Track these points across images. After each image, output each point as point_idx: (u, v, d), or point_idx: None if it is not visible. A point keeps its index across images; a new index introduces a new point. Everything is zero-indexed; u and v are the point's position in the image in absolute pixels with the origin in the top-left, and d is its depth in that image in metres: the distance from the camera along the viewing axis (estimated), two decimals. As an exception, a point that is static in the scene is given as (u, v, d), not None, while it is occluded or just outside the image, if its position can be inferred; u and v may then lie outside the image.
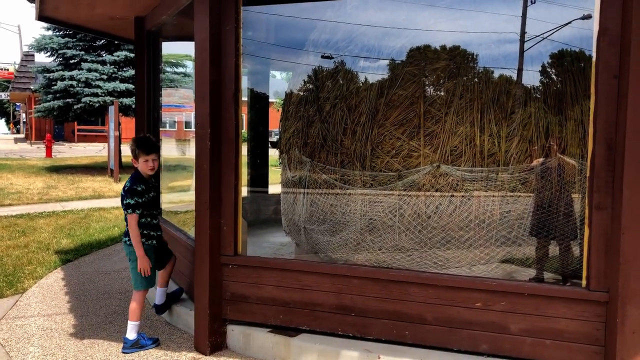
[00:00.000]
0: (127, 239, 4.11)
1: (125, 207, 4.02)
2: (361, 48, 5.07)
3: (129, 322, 4.07)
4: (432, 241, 4.56)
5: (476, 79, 4.58)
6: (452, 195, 4.49)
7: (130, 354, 3.95)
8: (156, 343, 4.12)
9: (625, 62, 3.09)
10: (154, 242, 4.20)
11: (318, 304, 3.86)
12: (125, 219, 4.09)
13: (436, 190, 4.52)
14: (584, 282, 3.34)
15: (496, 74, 4.61)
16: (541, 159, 4.39)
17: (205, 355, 3.95)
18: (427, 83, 4.64)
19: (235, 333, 4.04)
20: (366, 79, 4.96)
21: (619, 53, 3.13)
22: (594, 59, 3.24)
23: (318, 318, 3.86)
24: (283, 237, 6.30)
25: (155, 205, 4.29)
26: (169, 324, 4.64)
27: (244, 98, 8.52)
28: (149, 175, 4.14)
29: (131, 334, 4.05)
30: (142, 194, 4.06)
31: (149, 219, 4.15)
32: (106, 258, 6.96)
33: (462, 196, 4.48)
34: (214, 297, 4.00)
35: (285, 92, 5.92)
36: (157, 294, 4.53)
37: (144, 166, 4.07)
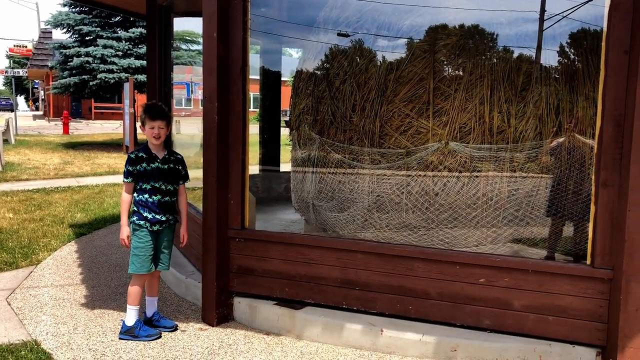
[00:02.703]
0: (135, 217, 3.79)
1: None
2: (371, 24, 5.03)
3: (127, 304, 3.87)
4: (439, 219, 4.56)
5: (487, 56, 4.53)
6: (460, 173, 4.48)
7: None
8: (152, 338, 3.78)
9: (636, 38, 3.04)
10: (147, 224, 3.77)
11: (323, 278, 3.89)
12: None
13: (444, 168, 4.51)
14: (588, 259, 3.33)
15: (508, 52, 4.56)
16: (559, 139, 4.34)
17: (212, 327, 4.02)
18: (437, 59, 4.60)
19: (241, 305, 4.10)
20: (376, 55, 4.93)
21: (630, 28, 3.07)
22: (604, 34, 3.18)
23: (323, 291, 3.90)
24: (293, 215, 6.35)
25: (157, 180, 3.80)
26: (177, 296, 4.72)
27: (256, 76, 8.52)
28: (156, 144, 3.79)
29: (128, 319, 3.83)
30: (136, 162, 3.73)
31: (145, 196, 3.77)
32: (119, 232, 7.05)
33: (470, 174, 4.46)
34: (221, 269, 4.05)
35: (296, 69, 5.91)
36: (146, 305, 4.04)
37: (149, 133, 3.74)
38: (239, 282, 4.12)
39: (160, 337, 3.83)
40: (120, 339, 3.80)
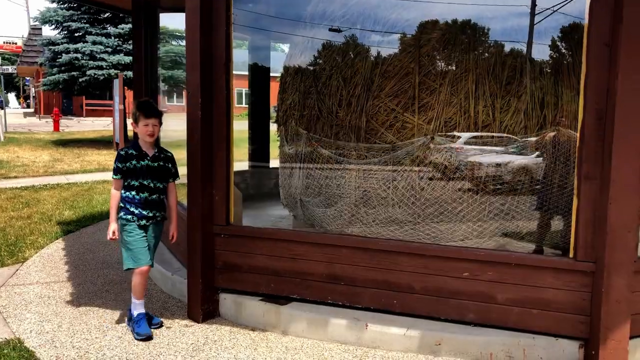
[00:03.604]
0: (122, 213, 3.80)
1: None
2: (357, 18, 5.01)
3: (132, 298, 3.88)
4: (425, 213, 4.56)
5: (472, 50, 4.53)
6: (446, 167, 4.48)
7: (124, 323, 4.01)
8: (140, 337, 3.71)
9: (617, 30, 3.04)
10: (134, 218, 3.77)
11: (308, 273, 3.89)
12: None
13: (430, 162, 4.51)
14: (571, 253, 3.34)
15: (493, 46, 4.56)
16: (552, 133, 4.33)
17: (198, 323, 4.00)
18: (423, 53, 4.59)
19: (227, 301, 4.09)
20: (362, 49, 4.91)
21: (611, 21, 3.07)
22: (586, 26, 3.19)
23: (308, 287, 3.89)
24: (283, 211, 6.33)
25: (146, 177, 3.78)
26: (164, 292, 4.70)
27: (246, 72, 8.48)
28: (149, 142, 3.78)
29: (133, 310, 3.85)
30: (126, 160, 3.73)
31: (132, 193, 3.77)
32: (107, 229, 7.01)
33: (456, 168, 4.46)
34: (207, 266, 4.04)
35: (283, 64, 5.89)
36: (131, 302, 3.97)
37: (143, 130, 3.73)
38: (225, 278, 4.11)
39: (151, 338, 3.74)
40: (126, 325, 3.89)
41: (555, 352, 3.34)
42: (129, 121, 3.94)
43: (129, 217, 3.78)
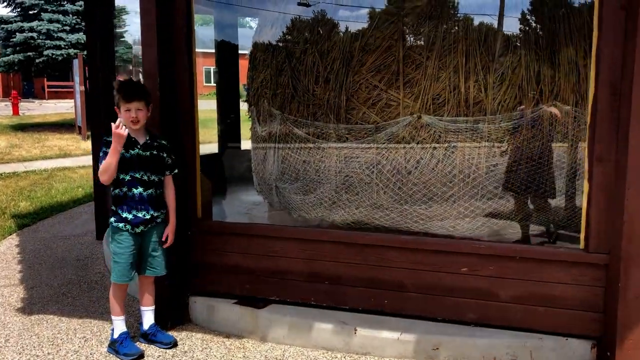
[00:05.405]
0: (113, 218, 3.25)
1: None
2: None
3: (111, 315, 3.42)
4: (413, 198, 4.19)
5: (460, 20, 4.13)
6: (435, 149, 4.10)
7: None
8: (129, 357, 3.22)
9: (635, -9, 2.66)
10: (128, 226, 3.21)
11: (288, 272, 3.49)
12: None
13: (417, 143, 4.12)
14: (582, 244, 3.00)
15: (482, 17, 4.17)
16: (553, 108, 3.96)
17: (166, 330, 3.57)
18: (407, 24, 4.17)
19: (197, 305, 3.67)
20: (339, 22, 4.48)
21: (628, -21, 2.70)
22: (598, -12, 2.80)
23: (288, 287, 3.50)
24: (256, 196, 5.90)
25: (138, 169, 3.22)
26: (129, 294, 4.24)
27: (211, 50, 7.97)
28: (136, 130, 3.21)
29: (114, 331, 3.34)
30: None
31: (124, 189, 3.21)
32: (67, 221, 6.52)
33: (446, 149, 4.09)
34: (173, 266, 3.59)
35: (252, 39, 5.43)
36: (141, 317, 3.53)
37: (125, 117, 3.15)
38: (194, 279, 3.68)
39: (143, 357, 3.25)
40: (107, 351, 3.32)
41: (565, 353, 3.02)
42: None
43: (121, 225, 3.21)
